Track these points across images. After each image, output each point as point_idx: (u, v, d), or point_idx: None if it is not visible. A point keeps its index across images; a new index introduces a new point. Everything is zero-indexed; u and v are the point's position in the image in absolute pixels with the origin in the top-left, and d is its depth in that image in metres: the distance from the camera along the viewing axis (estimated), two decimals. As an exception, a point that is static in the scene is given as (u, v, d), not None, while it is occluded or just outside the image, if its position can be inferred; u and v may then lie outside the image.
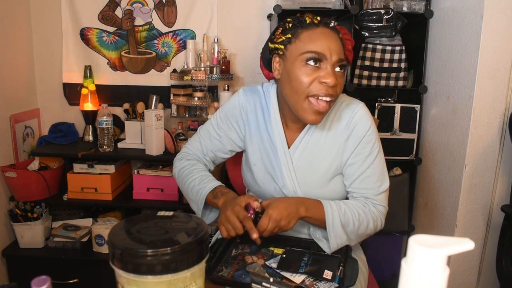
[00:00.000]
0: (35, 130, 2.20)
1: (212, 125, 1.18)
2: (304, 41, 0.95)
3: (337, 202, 1.01)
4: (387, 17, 1.82)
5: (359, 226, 1.01)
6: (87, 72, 2.14)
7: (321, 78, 0.94)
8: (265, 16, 2.15)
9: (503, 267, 1.50)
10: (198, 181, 1.10)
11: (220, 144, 1.17)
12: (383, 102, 1.94)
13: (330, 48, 0.94)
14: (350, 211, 1.00)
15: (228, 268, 0.98)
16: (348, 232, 1.00)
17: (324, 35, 0.95)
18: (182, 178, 1.15)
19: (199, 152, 1.19)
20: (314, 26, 0.96)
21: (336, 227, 0.99)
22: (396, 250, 2.08)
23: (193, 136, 1.23)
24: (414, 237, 0.38)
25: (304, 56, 0.94)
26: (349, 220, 0.99)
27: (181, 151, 1.23)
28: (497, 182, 1.64)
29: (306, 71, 0.95)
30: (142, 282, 0.52)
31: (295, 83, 0.96)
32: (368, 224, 1.02)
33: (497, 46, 1.51)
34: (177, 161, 1.21)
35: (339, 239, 1.00)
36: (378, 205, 1.05)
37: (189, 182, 1.12)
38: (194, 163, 1.17)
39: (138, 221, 0.60)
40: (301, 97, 0.96)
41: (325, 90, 0.94)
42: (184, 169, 1.16)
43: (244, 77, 2.23)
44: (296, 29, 0.97)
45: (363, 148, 1.04)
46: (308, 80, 0.94)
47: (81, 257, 1.94)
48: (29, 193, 1.95)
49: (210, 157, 1.19)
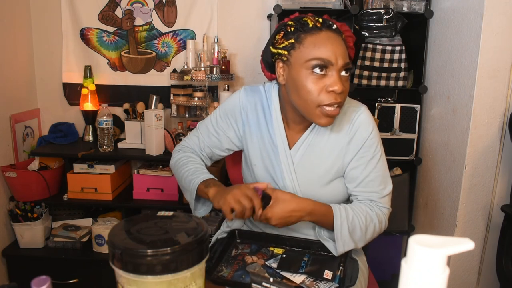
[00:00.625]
0: (35, 130, 2.20)
1: (211, 122, 1.18)
2: (309, 47, 0.93)
3: (346, 209, 1.01)
4: (387, 17, 1.82)
5: (366, 232, 1.02)
6: (87, 72, 2.14)
7: (329, 87, 0.93)
8: (265, 16, 2.15)
9: (503, 267, 1.50)
10: (192, 171, 1.11)
11: (217, 141, 1.17)
12: (383, 102, 1.94)
13: (336, 54, 0.92)
14: (357, 219, 1.01)
15: (228, 268, 0.98)
16: (356, 239, 1.02)
17: (329, 40, 0.93)
18: (177, 168, 1.16)
19: (196, 147, 1.20)
20: (318, 30, 0.94)
21: (344, 235, 1.00)
22: (396, 250, 2.08)
23: (192, 131, 1.24)
24: (414, 237, 0.38)
25: (309, 64, 0.93)
26: (355, 227, 1.00)
27: (179, 144, 1.24)
28: (497, 182, 1.64)
29: (313, 80, 0.93)
30: (142, 282, 0.52)
31: (303, 93, 0.95)
32: (374, 228, 1.03)
33: (497, 46, 1.51)
34: (174, 152, 1.23)
35: (347, 246, 1.01)
36: (383, 207, 1.06)
37: (184, 171, 1.13)
38: (190, 155, 1.18)
39: (138, 221, 0.60)
40: (311, 106, 0.95)
41: (334, 98, 0.93)
42: (180, 159, 1.17)
43: (244, 77, 2.23)
44: (299, 33, 0.95)
45: (365, 152, 1.04)
46: (316, 90, 0.93)
47: (81, 257, 1.94)
48: (29, 193, 1.95)
49: (207, 153, 1.20)
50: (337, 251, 1.02)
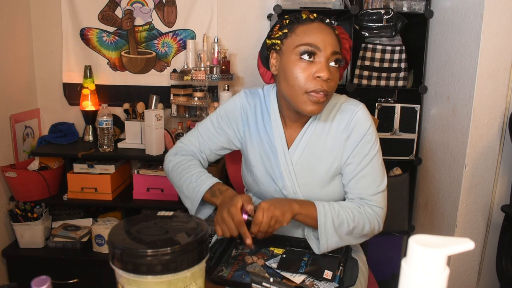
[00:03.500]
0: (35, 130, 2.20)
1: (211, 123, 1.18)
2: (300, 35, 0.96)
3: (331, 203, 1.01)
4: (387, 17, 1.82)
5: (354, 227, 1.00)
6: (87, 72, 2.14)
7: (315, 73, 0.94)
8: (265, 16, 2.15)
9: (503, 267, 1.50)
10: (195, 178, 1.09)
11: (218, 141, 1.17)
12: (383, 102, 1.94)
13: (324, 41, 0.94)
14: (344, 212, 0.99)
15: (228, 268, 0.98)
16: (342, 233, 0.99)
17: (319, 29, 0.96)
18: (177, 174, 1.13)
19: (195, 149, 1.18)
20: (310, 21, 0.98)
21: (328, 227, 0.98)
22: (396, 250, 2.08)
23: (189, 132, 1.22)
24: (414, 237, 0.38)
25: (298, 49, 0.95)
26: (343, 221, 0.98)
27: (175, 146, 1.21)
28: (497, 182, 1.64)
29: (301, 66, 0.95)
30: (142, 282, 0.52)
31: (290, 79, 0.97)
32: (364, 225, 1.01)
33: (497, 46, 1.51)
34: (171, 155, 1.19)
35: (330, 240, 0.99)
36: (374, 206, 1.04)
37: (185, 178, 1.10)
38: (190, 158, 1.16)
39: (138, 221, 0.60)
40: (298, 92, 0.96)
41: (320, 85, 0.94)
42: (179, 164, 1.14)
43: (244, 77, 2.23)
44: (293, 24, 0.99)
45: (361, 148, 1.04)
46: (303, 76, 0.95)
47: (81, 257, 1.94)
48: (29, 193, 1.95)
49: (206, 155, 1.18)
50: (320, 248, 0.99)
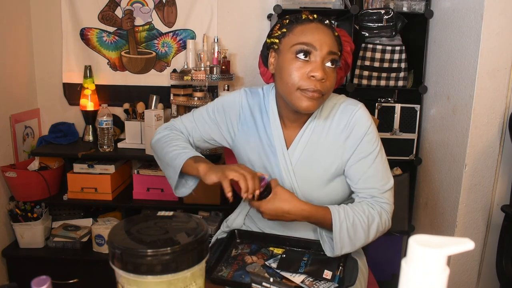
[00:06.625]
0: (35, 130, 2.20)
1: (207, 111, 1.17)
2: (297, 34, 0.97)
3: (345, 210, 0.99)
4: (387, 17, 1.82)
5: (369, 231, 0.99)
6: (87, 72, 2.14)
7: (310, 72, 0.94)
8: (265, 16, 2.15)
9: (503, 267, 1.50)
10: (181, 147, 1.07)
11: (210, 130, 1.16)
12: (383, 102, 1.94)
13: (320, 41, 0.95)
14: (358, 219, 0.98)
15: (228, 268, 0.98)
16: (357, 241, 0.99)
17: (317, 29, 0.96)
18: (162, 143, 1.12)
19: (185, 131, 1.17)
20: (309, 22, 0.98)
21: (343, 237, 0.97)
22: (396, 250, 2.08)
23: (184, 115, 1.20)
24: (414, 237, 0.38)
25: (294, 48, 0.96)
26: (357, 228, 0.98)
27: (167, 123, 1.20)
28: (497, 182, 1.64)
29: (296, 65, 0.96)
30: (142, 282, 0.52)
31: (285, 76, 0.97)
32: (377, 227, 1.01)
33: (497, 46, 1.51)
34: (161, 129, 1.18)
35: (344, 249, 0.99)
36: (385, 203, 1.04)
37: (170, 146, 1.08)
38: (180, 134, 1.15)
39: (138, 221, 0.60)
40: (292, 88, 0.96)
41: (314, 85, 0.94)
42: (167, 136, 1.13)
43: (244, 77, 2.23)
44: (292, 24, 0.99)
45: (363, 148, 1.04)
46: (298, 74, 0.95)
47: (81, 257, 1.94)
48: (29, 193, 1.95)
49: (195, 139, 1.17)
50: (333, 252, 1.00)
